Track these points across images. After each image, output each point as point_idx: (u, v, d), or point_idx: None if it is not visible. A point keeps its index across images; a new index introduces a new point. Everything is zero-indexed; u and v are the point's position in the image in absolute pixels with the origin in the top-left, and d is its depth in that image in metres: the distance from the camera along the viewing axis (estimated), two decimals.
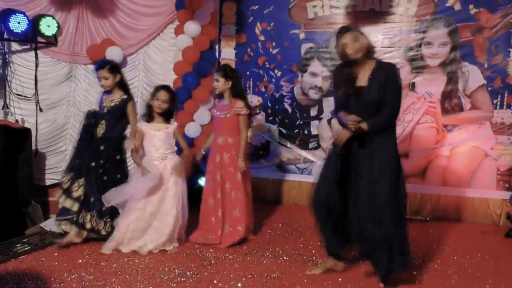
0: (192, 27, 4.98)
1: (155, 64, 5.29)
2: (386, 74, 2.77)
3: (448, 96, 4.69)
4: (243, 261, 3.32)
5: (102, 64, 3.62)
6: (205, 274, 3.03)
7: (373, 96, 2.77)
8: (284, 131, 5.34)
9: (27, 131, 4.22)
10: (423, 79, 4.77)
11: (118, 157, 3.64)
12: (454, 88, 4.66)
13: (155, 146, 3.53)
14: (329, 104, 5.04)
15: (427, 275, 3.12)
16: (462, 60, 4.61)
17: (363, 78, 2.82)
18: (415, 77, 4.80)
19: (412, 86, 4.81)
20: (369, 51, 2.82)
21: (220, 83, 3.72)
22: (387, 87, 2.75)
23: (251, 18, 5.37)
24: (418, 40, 4.76)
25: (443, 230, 4.29)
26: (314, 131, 5.21)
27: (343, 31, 2.81)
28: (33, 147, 4.68)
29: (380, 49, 4.87)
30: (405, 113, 4.81)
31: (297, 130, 5.27)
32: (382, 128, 2.77)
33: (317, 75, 5.13)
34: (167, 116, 3.61)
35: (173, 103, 3.60)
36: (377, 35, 4.88)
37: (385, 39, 4.87)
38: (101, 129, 3.58)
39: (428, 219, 4.64)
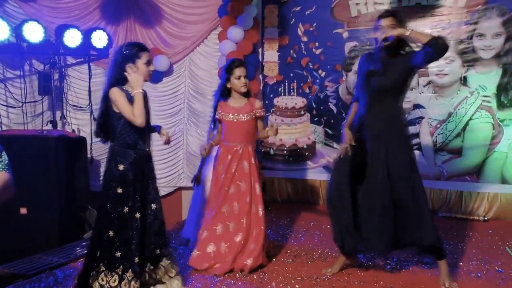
0: (235, 32, 5.04)
1: (201, 70, 5.40)
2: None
3: (504, 89, 4.45)
4: (293, 263, 3.31)
5: None
6: (255, 276, 3.04)
7: (388, 78, 2.79)
8: (329, 131, 5.27)
9: (83, 140, 4.43)
10: (475, 72, 4.55)
11: None
12: (510, 80, 4.42)
13: None
14: None
15: (488, 277, 2.97)
16: None
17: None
18: (467, 71, 4.59)
19: (464, 80, 4.61)
20: (399, 44, 2.81)
21: (247, 80, 3.23)
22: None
23: (293, 19, 5.36)
24: (469, 32, 4.55)
25: (503, 230, 4.07)
26: None
27: (383, 15, 2.85)
28: (89, 155, 4.92)
29: None
30: (457, 109, 4.61)
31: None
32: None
33: None
34: None
35: None
36: (424, 29, 4.70)
37: (434, 33, 4.65)
38: None
39: (486, 218, 4.41)
